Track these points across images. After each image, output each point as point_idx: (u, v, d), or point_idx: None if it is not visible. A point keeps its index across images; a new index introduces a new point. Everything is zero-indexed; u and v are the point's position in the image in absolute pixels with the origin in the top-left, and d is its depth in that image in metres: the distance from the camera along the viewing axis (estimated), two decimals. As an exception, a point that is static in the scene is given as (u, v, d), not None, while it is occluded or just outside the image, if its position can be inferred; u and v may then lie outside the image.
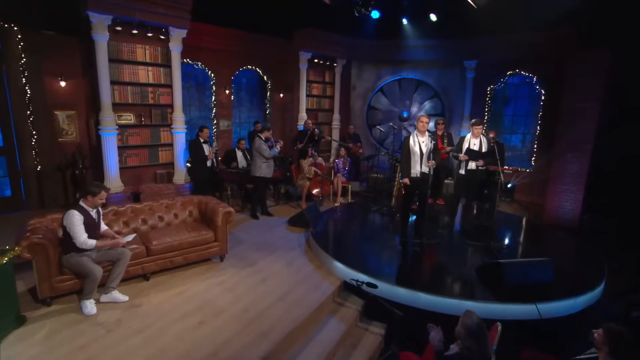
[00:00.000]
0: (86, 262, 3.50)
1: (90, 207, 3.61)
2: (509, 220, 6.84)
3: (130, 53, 6.12)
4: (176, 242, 4.29)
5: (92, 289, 3.48)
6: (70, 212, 3.48)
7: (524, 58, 8.14)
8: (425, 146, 5.02)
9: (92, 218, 3.64)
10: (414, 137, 5.05)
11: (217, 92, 8.52)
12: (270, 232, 6.02)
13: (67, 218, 3.47)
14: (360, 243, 5.34)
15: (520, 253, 5.14)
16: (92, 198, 3.57)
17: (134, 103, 6.33)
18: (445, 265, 4.55)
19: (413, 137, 5.05)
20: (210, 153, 6.45)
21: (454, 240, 5.38)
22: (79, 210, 3.53)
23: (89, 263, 3.51)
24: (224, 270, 4.59)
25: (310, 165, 7.28)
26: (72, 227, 3.45)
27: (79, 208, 3.55)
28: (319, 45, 8.81)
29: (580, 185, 7.16)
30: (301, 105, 9.01)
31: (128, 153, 6.41)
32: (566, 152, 7.23)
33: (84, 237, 3.46)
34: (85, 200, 3.59)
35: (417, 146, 5.03)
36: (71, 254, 3.50)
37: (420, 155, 5.03)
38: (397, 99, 9.93)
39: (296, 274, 4.56)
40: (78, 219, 3.47)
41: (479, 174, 5.55)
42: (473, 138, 5.44)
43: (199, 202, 5.05)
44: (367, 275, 4.12)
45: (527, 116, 8.63)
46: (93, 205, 3.63)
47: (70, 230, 3.45)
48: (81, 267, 3.49)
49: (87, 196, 3.58)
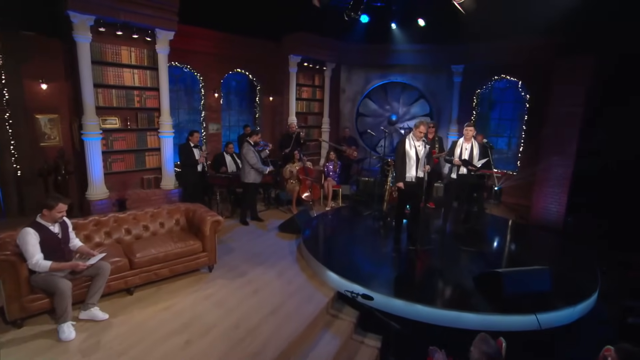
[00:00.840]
0: (52, 277, 3.09)
1: (49, 223, 3.19)
2: (498, 223, 6.66)
3: (114, 55, 5.69)
4: (161, 253, 3.92)
5: (65, 308, 3.05)
6: (24, 231, 3.05)
7: (510, 63, 8.01)
8: (420, 150, 4.78)
9: (54, 234, 3.20)
10: (410, 140, 4.80)
11: (206, 95, 8.12)
12: (260, 238, 5.69)
13: (20, 237, 3.04)
14: (353, 250, 5.05)
15: (514, 258, 4.92)
16: (48, 212, 3.14)
17: (119, 107, 5.90)
18: (440, 274, 4.29)
19: (409, 141, 4.80)
20: (201, 157, 6.09)
21: (447, 246, 5.15)
22: (35, 227, 3.09)
23: (54, 278, 3.09)
24: (212, 281, 4.25)
25: (299, 170, 6.96)
26: (24, 247, 3.01)
27: (36, 225, 3.12)
28: (308, 49, 8.50)
29: (564, 188, 7.04)
30: (291, 108, 8.69)
31: (113, 158, 5.98)
32: (551, 155, 7.10)
33: (36, 257, 3.02)
34: (42, 216, 3.16)
35: (413, 150, 4.78)
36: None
37: (415, 159, 4.79)
38: (385, 102, 9.70)
39: (288, 284, 4.25)
40: (32, 238, 3.03)
41: (470, 178, 5.35)
42: (465, 142, 5.23)
43: (187, 210, 4.69)
44: (361, 286, 3.84)
45: (512, 120, 8.50)
46: (52, 220, 3.20)
47: (23, 250, 3.02)
48: (47, 283, 3.08)
49: (42, 210, 3.15)
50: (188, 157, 5.99)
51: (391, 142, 9.02)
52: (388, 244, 5.15)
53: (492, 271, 3.57)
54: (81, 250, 3.45)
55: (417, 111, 9.47)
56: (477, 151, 5.20)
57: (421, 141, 4.76)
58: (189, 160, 5.98)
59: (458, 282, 4.03)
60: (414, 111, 9.48)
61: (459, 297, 3.73)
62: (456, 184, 5.36)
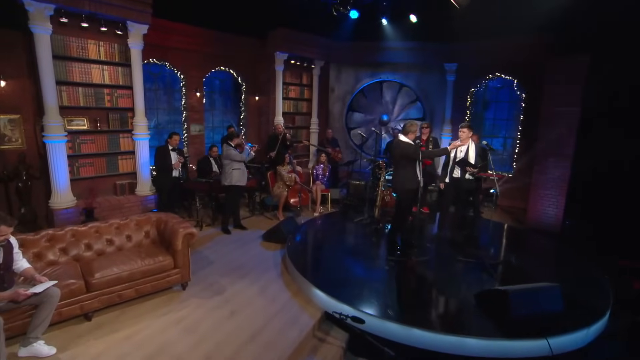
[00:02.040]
0: None
1: None
2: (496, 228, 6.30)
3: (80, 49, 5.15)
4: (125, 272, 3.43)
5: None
6: None
7: (505, 61, 7.69)
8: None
9: None
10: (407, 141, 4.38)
11: (187, 94, 7.61)
12: (242, 249, 5.22)
13: None
14: (342, 263, 4.59)
15: (516, 269, 4.53)
16: None
17: (87, 106, 5.37)
18: (438, 290, 3.86)
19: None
20: (177, 162, 5.60)
21: (444, 256, 4.74)
22: None
23: None
24: (185, 302, 3.77)
25: (290, 172, 6.51)
26: None
27: None
28: (295, 46, 8.05)
29: (562, 190, 6.73)
30: (277, 108, 8.22)
31: (81, 162, 5.44)
32: (547, 156, 6.78)
33: None
34: None
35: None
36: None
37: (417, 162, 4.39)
38: (376, 102, 9.29)
39: (271, 303, 3.79)
40: None
41: (466, 182, 4.96)
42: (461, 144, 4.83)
43: (158, 221, 4.19)
44: (351, 306, 3.41)
45: (507, 120, 8.18)
46: None
47: None
48: None
49: None
50: (163, 161, 5.50)
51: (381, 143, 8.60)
52: (380, 254, 4.73)
53: (496, 289, 3.17)
54: (26, 274, 2.94)
55: (410, 111, 9.09)
56: (474, 153, 4.79)
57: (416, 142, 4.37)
58: (164, 164, 5.48)
59: (458, 300, 3.62)
60: (406, 111, 9.09)
61: (460, 319, 3.32)
62: (451, 188, 4.96)
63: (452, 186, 4.98)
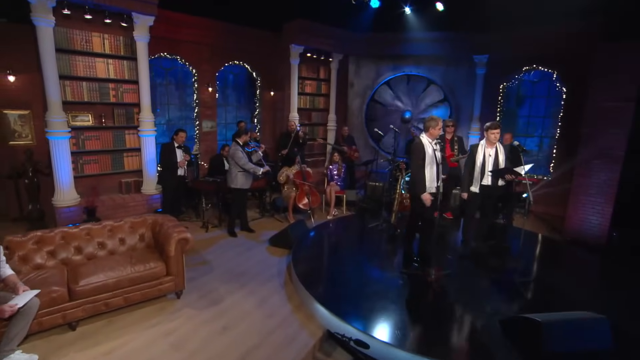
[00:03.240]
0: None
1: None
2: (529, 239, 5.72)
3: (84, 43, 5.06)
4: (112, 280, 3.25)
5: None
6: None
7: (543, 52, 7.01)
8: (439, 154, 3.96)
9: None
10: (425, 142, 3.98)
11: (199, 89, 7.47)
12: (247, 254, 4.98)
13: None
14: (351, 275, 4.23)
15: (553, 290, 4.00)
16: None
17: (91, 101, 5.29)
18: (457, 312, 3.43)
19: (425, 142, 3.98)
20: (182, 160, 5.42)
21: (468, 270, 4.29)
22: None
23: None
24: (178, 312, 3.55)
25: (296, 174, 6.22)
26: None
27: None
28: (311, 38, 7.72)
29: (609, 196, 6.02)
30: (292, 104, 7.94)
31: (85, 159, 5.38)
32: (592, 158, 6.10)
33: None
34: None
35: (432, 154, 3.95)
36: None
37: (437, 165, 3.97)
38: (398, 98, 8.81)
39: (269, 318, 3.51)
40: None
41: (497, 190, 4.45)
42: (488, 147, 4.32)
43: (154, 224, 4.01)
44: (356, 327, 3.06)
45: (545, 117, 7.49)
46: None
47: None
48: None
49: None
50: (168, 159, 5.34)
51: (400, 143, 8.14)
52: (394, 266, 4.33)
53: (526, 317, 2.72)
54: (8, 282, 2.80)
55: (434, 107, 8.55)
56: (503, 157, 4.26)
57: (435, 142, 3.95)
58: (169, 162, 5.33)
59: (480, 326, 3.18)
60: (431, 108, 8.56)
61: (481, 349, 2.88)
62: (479, 197, 4.46)
63: (480, 195, 4.46)
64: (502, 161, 4.29)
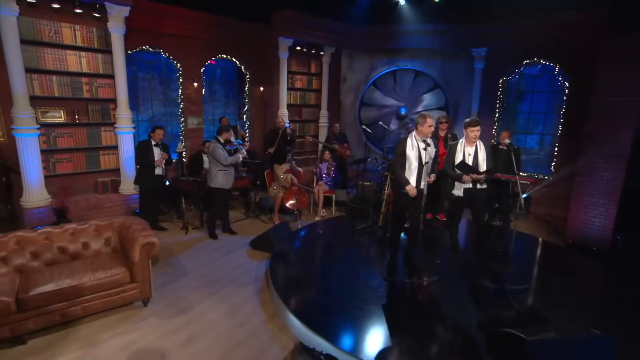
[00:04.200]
0: None
1: None
2: (527, 243, 5.50)
3: (53, 34, 4.87)
4: (66, 288, 3.06)
5: None
6: None
7: (545, 44, 6.76)
8: (425, 154, 3.74)
9: None
10: (412, 140, 3.78)
11: (184, 84, 7.27)
12: (225, 257, 4.79)
13: None
14: (330, 281, 4.02)
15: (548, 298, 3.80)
16: None
17: (63, 97, 5.11)
18: (442, 324, 3.20)
19: (411, 140, 3.79)
20: (160, 159, 5.21)
21: (457, 276, 4.07)
22: None
23: None
24: (141, 322, 3.36)
25: (287, 172, 6.02)
26: None
27: None
28: (301, 31, 7.50)
29: (613, 197, 5.78)
30: (281, 100, 7.73)
31: (57, 158, 5.21)
32: (596, 157, 5.85)
33: None
34: None
35: (415, 152, 3.76)
36: None
37: (418, 165, 3.76)
38: (393, 93, 8.57)
39: (238, 328, 3.32)
40: None
41: (481, 192, 4.17)
42: (468, 145, 4.08)
43: (121, 227, 3.82)
44: (329, 341, 2.86)
45: (546, 113, 7.23)
46: None
47: None
48: None
49: None
50: (145, 157, 5.14)
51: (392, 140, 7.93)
52: (377, 273, 4.11)
53: (511, 333, 2.50)
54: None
55: (431, 103, 8.32)
56: (484, 156, 4.00)
57: (427, 141, 3.73)
58: (146, 160, 5.13)
59: (466, 340, 2.96)
60: (427, 103, 8.33)
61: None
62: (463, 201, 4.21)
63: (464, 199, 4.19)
64: (483, 160, 4.03)
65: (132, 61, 6.67)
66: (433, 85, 8.25)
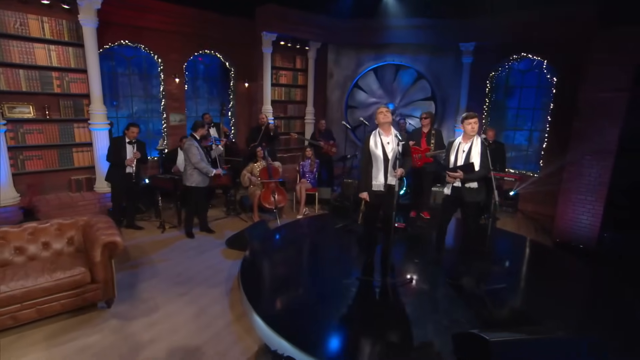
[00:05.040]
0: None
1: None
2: (511, 242, 5.43)
3: (19, 26, 4.75)
4: (19, 290, 2.96)
5: None
6: None
7: (533, 39, 6.69)
8: (390, 149, 3.66)
9: None
10: (376, 136, 3.70)
11: (165, 80, 7.17)
12: (199, 257, 4.70)
13: None
14: (301, 282, 3.93)
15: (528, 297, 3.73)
16: None
17: (31, 91, 4.99)
18: (410, 325, 3.10)
19: (374, 137, 3.71)
20: (132, 158, 5.08)
21: (433, 276, 3.98)
22: None
23: None
24: (103, 324, 3.27)
25: (262, 171, 5.93)
26: None
27: None
28: (285, 25, 7.40)
29: (600, 194, 5.72)
30: (265, 96, 7.63)
31: (27, 155, 5.09)
32: (584, 153, 5.79)
33: None
34: None
35: (380, 149, 3.67)
36: None
37: (384, 161, 3.68)
38: (380, 89, 8.49)
39: (202, 330, 3.23)
40: None
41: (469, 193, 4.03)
42: (463, 142, 3.94)
43: (85, 226, 3.72)
44: (292, 343, 2.77)
45: (534, 109, 7.17)
46: None
47: None
48: None
49: None
50: (116, 155, 5.02)
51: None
52: (352, 272, 4.01)
53: (474, 334, 2.42)
54: None
55: (418, 99, 8.24)
56: (477, 153, 3.86)
57: (392, 135, 3.64)
58: (117, 157, 5.01)
59: (433, 343, 2.87)
60: (414, 99, 8.25)
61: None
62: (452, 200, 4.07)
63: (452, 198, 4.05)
64: (475, 157, 3.89)
65: (110, 56, 6.57)
66: (419, 80, 8.16)
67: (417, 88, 8.22)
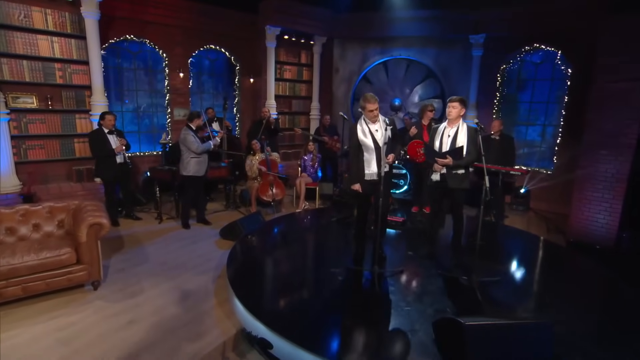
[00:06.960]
0: None
1: None
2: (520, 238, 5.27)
3: (23, 17, 5.00)
4: (4, 267, 3.08)
5: None
6: None
7: (546, 28, 6.53)
8: (380, 136, 3.63)
9: None
10: (362, 125, 3.68)
11: (170, 75, 7.37)
12: (192, 246, 4.78)
13: None
14: (289, 269, 3.94)
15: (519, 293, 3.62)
16: None
17: (35, 82, 5.23)
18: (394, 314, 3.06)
19: (361, 126, 3.68)
20: (119, 146, 5.15)
21: (425, 268, 3.90)
22: None
23: None
24: (86, 305, 3.37)
25: (262, 163, 5.99)
26: None
27: None
28: (290, 19, 7.49)
29: (617, 192, 5.50)
30: (269, 91, 7.72)
31: (29, 144, 5.32)
32: (599, 148, 5.57)
33: None
34: None
35: (370, 137, 3.65)
36: None
37: (375, 149, 3.65)
38: (387, 84, 8.45)
39: (183, 314, 3.27)
40: None
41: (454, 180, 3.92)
42: (449, 126, 3.88)
43: (76, 210, 3.85)
44: (268, 326, 2.77)
45: (548, 103, 6.97)
46: None
47: None
48: None
49: None
50: (101, 148, 5.02)
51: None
52: (343, 262, 3.99)
53: (451, 318, 2.35)
54: None
55: (426, 93, 8.16)
56: (464, 138, 3.77)
57: (380, 122, 3.62)
58: (103, 150, 5.03)
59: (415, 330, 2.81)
60: (422, 93, 8.17)
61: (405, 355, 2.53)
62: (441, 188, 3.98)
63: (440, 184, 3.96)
64: (461, 142, 3.80)
65: (116, 51, 6.81)
66: (427, 74, 8.08)
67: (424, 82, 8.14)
